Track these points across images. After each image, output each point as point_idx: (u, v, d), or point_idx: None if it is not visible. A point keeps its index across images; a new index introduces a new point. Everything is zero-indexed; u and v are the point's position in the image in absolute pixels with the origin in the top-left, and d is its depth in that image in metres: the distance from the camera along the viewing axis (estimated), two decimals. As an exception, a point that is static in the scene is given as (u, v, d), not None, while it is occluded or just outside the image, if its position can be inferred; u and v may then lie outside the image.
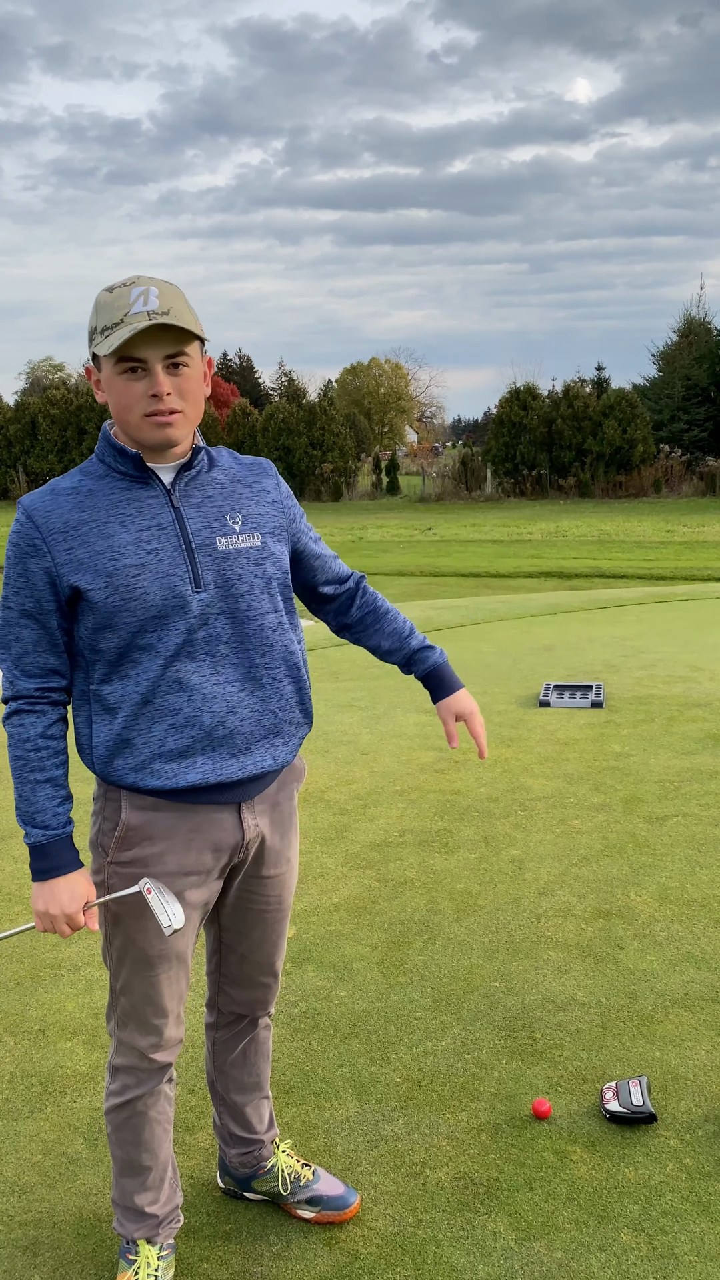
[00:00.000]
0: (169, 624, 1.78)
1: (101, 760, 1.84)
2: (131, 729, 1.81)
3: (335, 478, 36.35)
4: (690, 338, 38.15)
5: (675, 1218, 2.19)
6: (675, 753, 5.21)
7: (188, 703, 1.81)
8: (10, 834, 4.45)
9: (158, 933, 1.89)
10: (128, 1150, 2.03)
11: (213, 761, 1.83)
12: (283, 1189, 2.23)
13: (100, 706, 1.83)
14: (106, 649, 1.79)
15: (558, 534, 23.21)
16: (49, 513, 1.77)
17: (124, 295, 1.70)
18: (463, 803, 4.61)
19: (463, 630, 9.08)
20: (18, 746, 1.82)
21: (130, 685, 1.80)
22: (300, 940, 3.41)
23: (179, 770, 1.82)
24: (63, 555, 1.76)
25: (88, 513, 1.78)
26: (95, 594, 1.75)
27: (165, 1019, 1.97)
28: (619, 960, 3.22)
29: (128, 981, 1.94)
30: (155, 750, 1.81)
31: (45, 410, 37.08)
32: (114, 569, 1.75)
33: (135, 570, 1.76)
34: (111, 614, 1.76)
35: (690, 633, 8.55)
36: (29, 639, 1.81)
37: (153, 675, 1.79)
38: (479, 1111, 2.55)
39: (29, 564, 1.78)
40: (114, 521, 1.78)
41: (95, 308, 1.74)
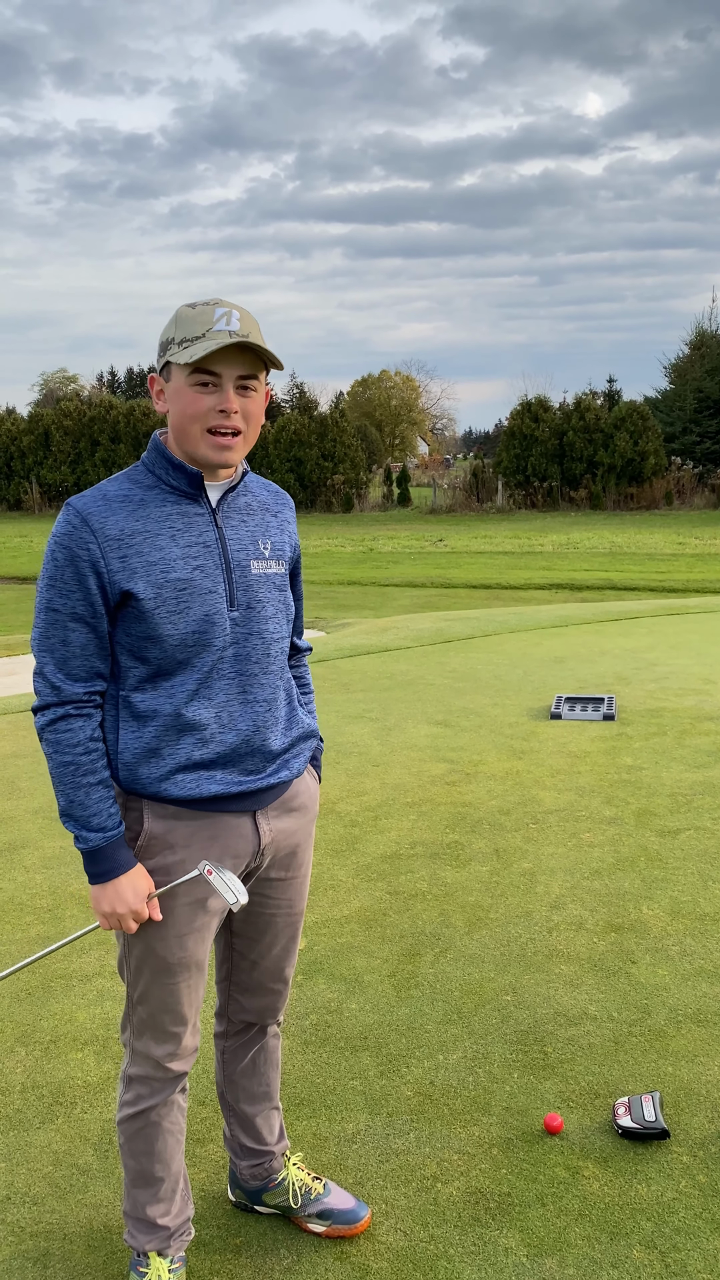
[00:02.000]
0: (206, 640, 1.83)
1: (126, 767, 1.85)
2: (161, 740, 1.83)
3: (346, 489, 36.42)
4: (702, 350, 38.14)
5: (688, 1235, 2.18)
6: (687, 766, 5.19)
7: (215, 719, 1.86)
8: (21, 845, 4.46)
9: (178, 940, 1.91)
10: (140, 1161, 2.03)
11: (233, 774, 1.89)
12: (293, 1202, 2.23)
13: (129, 713, 1.84)
14: (149, 658, 1.81)
15: (569, 546, 23.20)
16: (104, 518, 1.78)
17: (207, 313, 1.76)
18: (474, 815, 4.60)
19: (474, 642, 9.07)
20: (67, 752, 1.80)
21: (164, 697, 1.82)
22: (311, 952, 3.41)
23: (201, 781, 1.86)
24: (115, 562, 1.77)
25: (140, 522, 1.79)
26: (146, 604, 1.77)
27: (184, 1027, 1.98)
28: (631, 974, 3.21)
29: (146, 990, 1.94)
30: (181, 762, 1.84)
31: (58, 422, 37.28)
32: (164, 581, 1.79)
33: (183, 584, 1.80)
34: (157, 625, 1.79)
35: (702, 645, 8.52)
36: (78, 642, 1.80)
37: (188, 690, 1.83)
38: (490, 1126, 2.54)
39: (81, 566, 1.77)
40: (165, 534, 1.80)
41: (175, 320, 1.79)
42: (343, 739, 5.85)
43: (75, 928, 3.66)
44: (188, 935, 1.93)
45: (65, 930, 3.64)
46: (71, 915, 3.74)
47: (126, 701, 1.84)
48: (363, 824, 4.53)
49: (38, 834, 4.56)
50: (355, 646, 8.86)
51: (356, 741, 5.80)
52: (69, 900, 3.86)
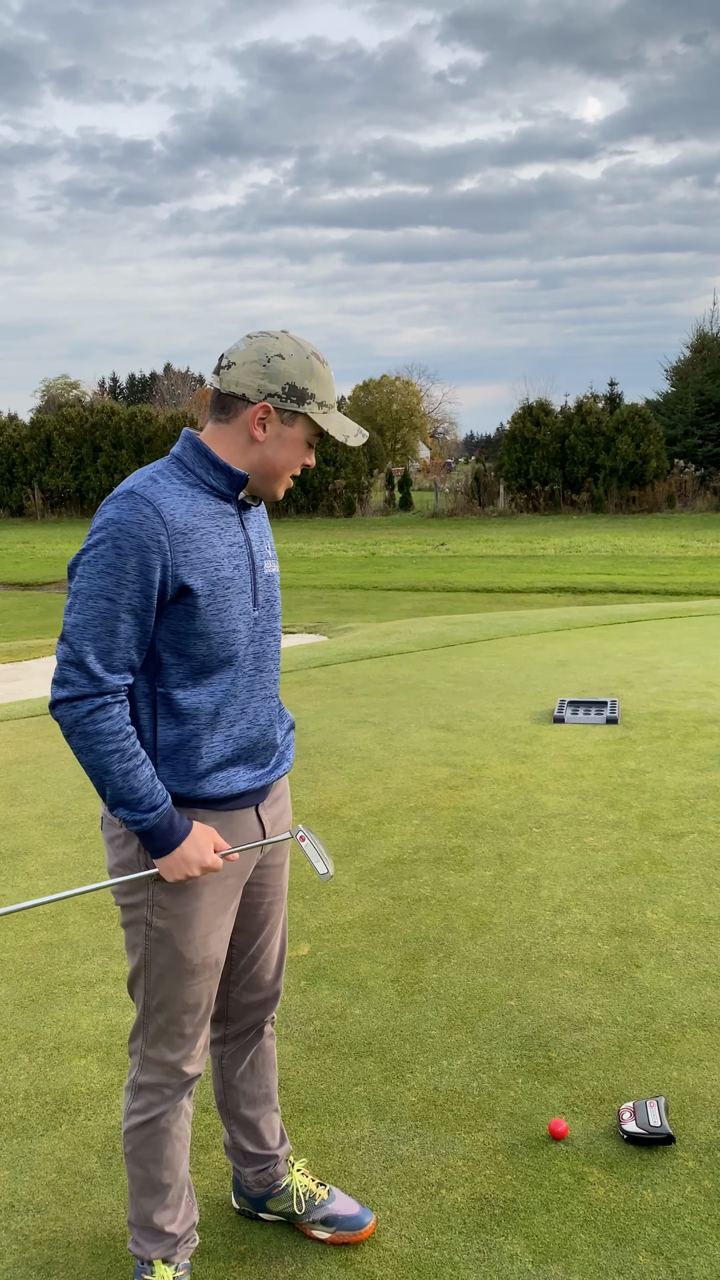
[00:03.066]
0: (240, 638, 1.90)
1: (165, 763, 1.87)
2: (199, 737, 1.87)
3: (348, 494, 36.43)
4: (703, 353, 38.13)
5: (694, 1240, 2.17)
6: (691, 769, 5.18)
7: (241, 715, 1.93)
8: (24, 851, 4.46)
9: (202, 940, 1.94)
10: (148, 1169, 2.03)
11: (253, 769, 1.97)
12: (298, 1209, 2.22)
13: (168, 710, 1.85)
14: (193, 655, 1.84)
15: (571, 549, 23.19)
16: (173, 510, 1.79)
17: (332, 380, 1.89)
18: (477, 819, 4.59)
19: (476, 646, 9.07)
20: (111, 740, 1.77)
21: (205, 694, 1.87)
22: (314, 958, 3.40)
23: (230, 778, 1.93)
24: (180, 555, 1.78)
25: (197, 519, 1.82)
26: (200, 600, 1.81)
27: (202, 1027, 2.01)
28: (635, 979, 3.20)
29: (168, 995, 1.95)
30: (216, 760, 1.90)
31: (60, 428, 37.32)
32: (216, 579, 1.83)
33: (227, 583, 1.86)
34: (206, 623, 1.83)
35: (705, 648, 8.51)
36: (124, 634, 1.78)
37: (225, 687, 1.89)
38: (495, 1131, 2.53)
39: (149, 558, 1.75)
40: (215, 533, 1.85)
41: (312, 374, 1.85)
42: (345, 743, 5.85)
43: (79, 934, 3.65)
44: (211, 935, 1.96)
45: (69, 937, 3.63)
46: (75, 921, 3.74)
47: (166, 698, 1.85)
48: (365, 829, 4.53)
49: (40, 840, 4.56)
50: (357, 651, 8.86)
51: (359, 746, 5.79)
52: (73, 906, 3.86)
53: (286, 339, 1.85)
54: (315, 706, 6.78)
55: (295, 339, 1.86)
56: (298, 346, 1.85)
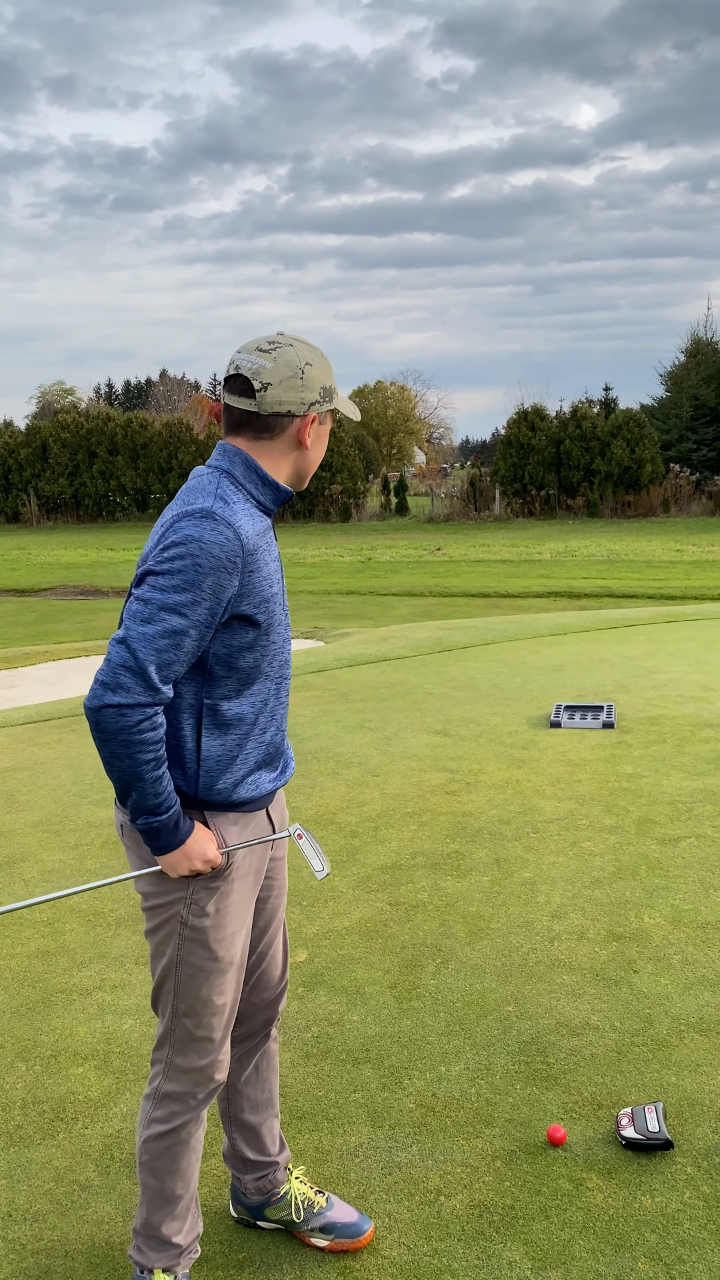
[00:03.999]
0: (278, 650, 1.98)
1: (207, 774, 1.91)
2: (241, 746, 1.94)
3: (344, 499, 36.46)
4: (698, 358, 38.22)
5: (693, 1246, 2.16)
6: (687, 774, 5.18)
7: (271, 721, 2.00)
8: (20, 858, 4.45)
9: (231, 938, 1.97)
10: (163, 1179, 2.03)
11: (272, 772, 2.04)
12: (296, 1216, 2.22)
13: (212, 721, 1.91)
14: (242, 666, 1.90)
15: (567, 554, 23.22)
16: (248, 533, 1.84)
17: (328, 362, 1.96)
18: (474, 825, 4.59)
19: (473, 650, 9.07)
20: (152, 750, 1.81)
21: (247, 704, 1.93)
22: (312, 964, 3.40)
23: (258, 781, 1.99)
24: (247, 576, 1.84)
25: (257, 539, 1.87)
26: (256, 618, 1.87)
27: (229, 1030, 2.03)
28: (633, 984, 3.20)
29: (197, 999, 1.97)
30: (252, 765, 1.97)
31: (56, 434, 37.31)
32: (268, 595, 1.90)
33: (275, 599, 1.93)
34: (258, 636, 1.90)
35: (701, 652, 8.52)
36: (187, 649, 1.81)
37: (264, 696, 1.96)
38: (493, 1138, 2.52)
39: (224, 579, 1.80)
40: (266, 551, 1.90)
41: (328, 368, 1.94)
42: (342, 749, 5.85)
43: (76, 942, 3.64)
44: (239, 932, 2.00)
45: (66, 945, 3.62)
46: (71, 929, 3.73)
47: (213, 709, 1.90)
48: (363, 834, 4.52)
49: (37, 847, 4.55)
50: (354, 656, 8.86)
51: (356, 751, 5.79)
52: (69, 914, 3.85)
53: (299, 343, 1.91)
54: (312, 712, 6.78)
55: (301, 339, 1.93)
56: (310, 348, 1.92)
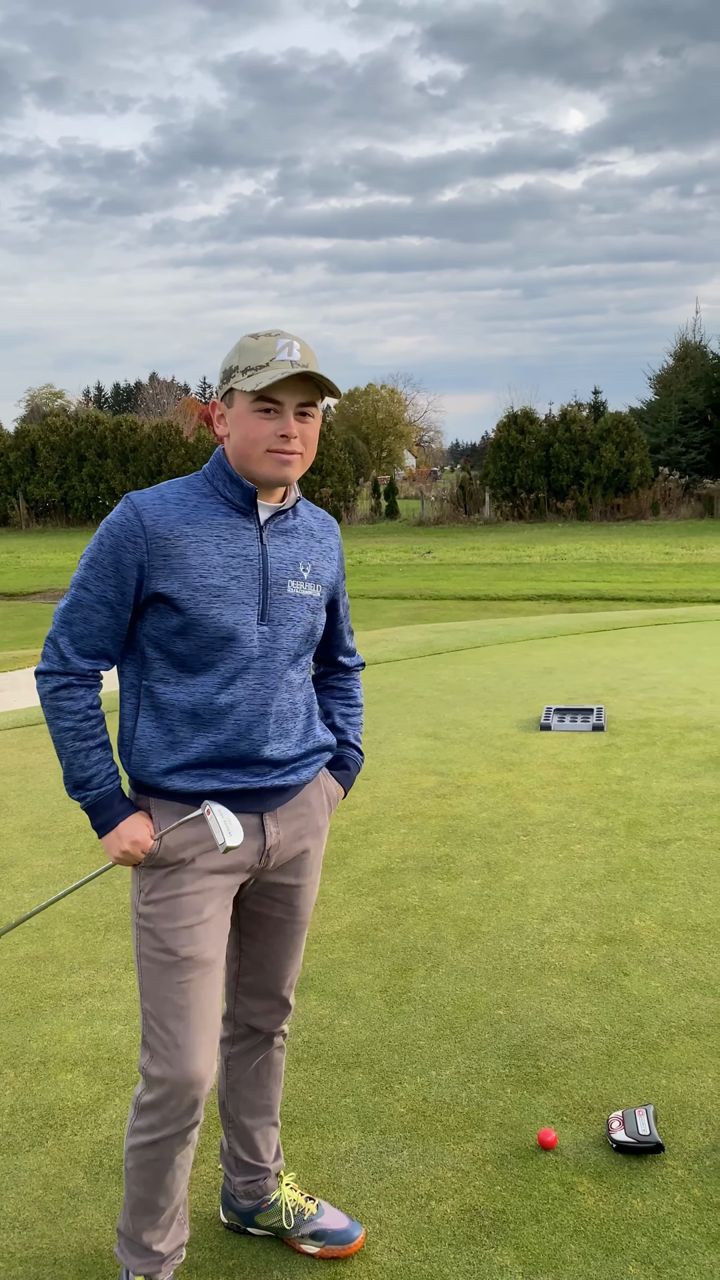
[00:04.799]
0: (231, 648, 1.91)
1: (140, 753, 1.93)
2: (177, 733, 1.92)
3: (334, 502, 36.46)
4: (686, 361, 38.38)
5: (684, 1250, 2.16)
6: (677, 776, 5.19)
7: (233, 725, 1.93)
8: (9, 863, 4.43)
9: (187, 931, 1.92)
10: (146, 1188, 2.00)
11: (236, 773, 1.96)
12: (286, 1223, 2.21)
13: (150, 703, 1.93)
14: (174, 652, 1.91)
15: (556, 557, 23.26)
16: (157, 516, 1.87)
17: (270, 344, 1.85)
18: (465, 828, 4.59)
19: (463, 653, 9.08)
20: (69, 718, 1.90)
21: (184, 693, 1.91)
22: (302, 969, 3.39)
23: (203, 777, 1.94)
24: (159, 559, 1.86)
25: (190, 526, 1.88)
26: (180, 603, 1.87)
27: (198, 1036, 1.92)
28: (623, 987, 3.20)
29: (157, 996, 1.93)
30: (190, 759, 1.93)
31: (45, 437, 37.22)
32: (200, 585, 1.87)
33: (217, 591, 1.89)
34: (187, 625, 1.88)
35: (690, 655, 8.55)
36: (98, 623, 1.89)
37: (207, 691, 1.91)
38: (484, 1142, 2.52)
39: (124, 556, 1.86)
40: (210, 542, 1.89)
41: (238, 350, 1.88)
42: (332, 753, 5.84)
43: (64, 947, 3.63)
44: (196, 926, 1.92)
45: (55, 950, 3.61)
46: (61, 934, 3.72)
47: (149, 691, 1.93)
48: (353, 838, 4.52)
49: (26, 852, 4.53)
50: (344, 659, 8.85)
51: (346, 755, 5.78)
52: (58, 919, 3.83)
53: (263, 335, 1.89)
54: (302, 715, 6.77)
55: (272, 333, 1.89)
56: (256, 337, 1.88)
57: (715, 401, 36.12)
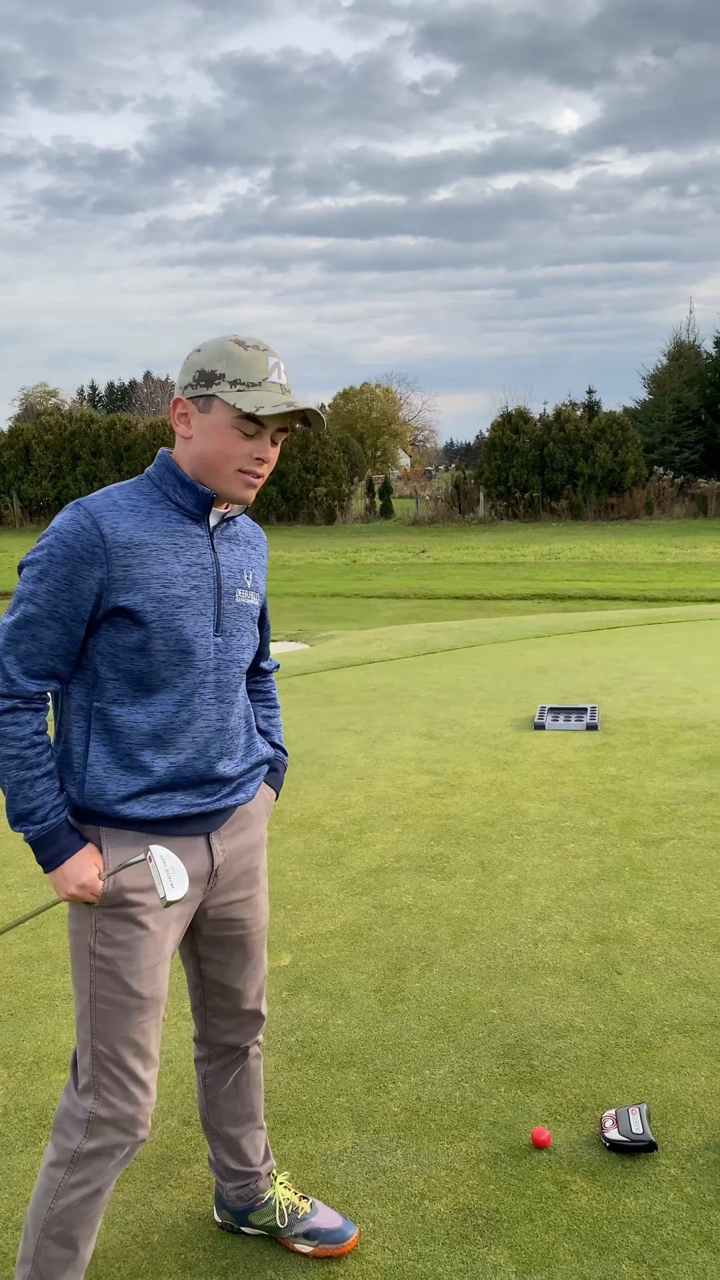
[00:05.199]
0: (191, 661, 1.83)
1: (94, 780, 1.80)
2: (134, 757, 1.81)
3: (329, 501, 36.46)
4: (680, 361, 38.46)
5: (677, 1248, 2.17)
6: (671, 775, 5.20)
7: (190, 742, 1.86)
8: (2, 863, 4.42)
9: (150, 972, 1.85)
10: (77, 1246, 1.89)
11: (191, 796, 1.89)
12: (280, 1222, 2.21)
13: (103, 726, 1.81)
14: (132, 671, 1.80)
15: (550, 556, 23.29)
16: (115, 524, 1.75)
17: (261, 360, 1.77)
18: (459, 827, 4.59)
19: (457, 653, 9.08)
20: (12, 744, 1.76)
21: (142, 713, 1.81)
22: (296, 968, 3.39)
23: (163, 803, 1.85)
24: (119, 570, 1.75)
25: (148, 534, 1.78)
26: (142, 616, 1.76)
27: (153, 1070, 1.90)
28: (617, 986, 3.21)
29: (116, 1039, 1.85)
30: (150, 783, 1.83)
31: (39, 436, 37.17)
32: (164, 596, 1.78)
33: (179, 602, 1.80)
34: (149, 639, 1.78)
35: (684, 654, 8.56)
36: (48, 641, 1.76)
37: (167, 710, 1.83)
38: (478, 1141, 2.52)
39: (81, 569, 1.73)
40: (169, 550, 1.80)
41: (224, 356, 1.76)
42: (327, 752, 5.84)
43: (58, 947, 3.63)
44: (159, 966, 1.88)
45: (49, 950, 3.60)
46: (54, 934, 3.71)
47: (102, 714, 1.81)
48: (347, 837, 4.52)
49: (21, 852, 4.53)
50: (339, 659, 8.86)
51: (340, 754, 5.78)
52: (51, 918, 3.83)
53: (229, 340, 1.79)
54: (297, 715, 6.77)
55: (241, 339, 1.79)
56: (220, 339, 1.79)
57: (709, 401, 36.19)
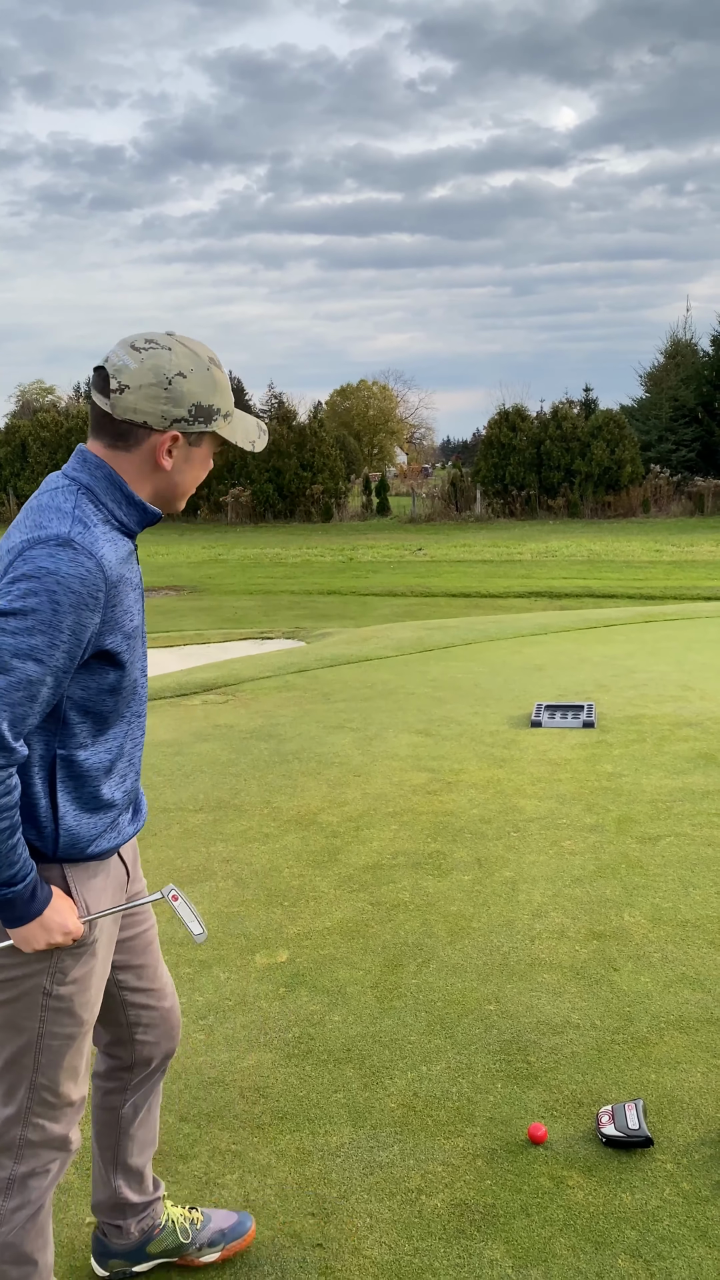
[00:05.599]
0: (138, 689, 1.79)
1: (68, 833, 1.72)
2: (98, 797, 1.76)
3: (325, 499, 36.45)
4: (677, 359, 38.47)
5: (673, 1243, 2.18)
6: (667, 772, 5.21)
7: (130, 768, 1.84)
8: None
9: (96, 999, 1.83)
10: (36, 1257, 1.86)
11: (130, 813, 1.88)
12: (183, 1239, 2.14)
13: (67, 773, 1.71)
14: (100, 712, 1.71)
15: (547, 554, 23.31)
16: (109, 561, 1.62)
17: (225, 382, 1.76)
18: (455, 824, 4.60)
19: (454, 650, 9.09)
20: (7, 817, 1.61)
21: (104, 750, 1.75)
22: (293, 965, 3.39)
23: (122, 827, 1.84)
24: (108, 612, 1.63)
25: (120, 567, 1.67)
26: (119, 657, 1.68)
27: (83, 1088, 1.87)
28: (613, 982, 3.21)
29: (59, 1070, 1.80)
30: (115, 815, 1.81)
31: (35, 433, 37.13)
32: (130, 629, 1.70)
33: (135, 632, 1.73)
34: (121, 679, 1.71)
35: (680, 652, 8.57)
36: (44, 699, 1.60)
37: (119, 740, 1.78)
38: (474, 1136, 2.53)
39: (85, 617, 1.59)
40: (128, 582, 1.70)
41: (213, 386, 1.71)
42: (323, 749, 5.85)
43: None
44: (101, 989, 1.86)
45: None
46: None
47: (67, 761, 1.70)
48: (344, 834, 4.52)
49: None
50: (335, 656, 8.86)
51: (337, 751, 5.79)
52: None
53: (180, 348, 1.68)
54: (293, 712, 6.77)
55: (188, 345, 1.69)
56: (194, 356, 1.68)
57: (706, 399, 36.22)
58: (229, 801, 4.99)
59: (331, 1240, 2.22)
